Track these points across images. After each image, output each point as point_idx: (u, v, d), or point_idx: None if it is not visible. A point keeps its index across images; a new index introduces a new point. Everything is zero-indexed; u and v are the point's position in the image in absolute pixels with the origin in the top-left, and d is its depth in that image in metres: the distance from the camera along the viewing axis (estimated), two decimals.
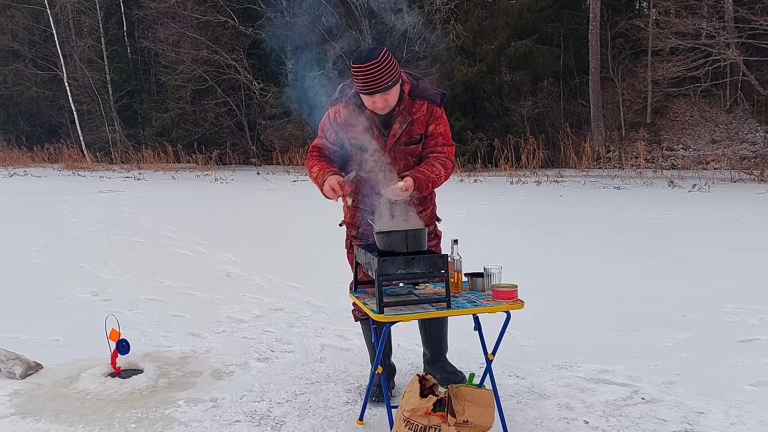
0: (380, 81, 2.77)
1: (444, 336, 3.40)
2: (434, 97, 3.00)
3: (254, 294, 5.37)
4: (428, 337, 3.39)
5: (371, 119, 2.95)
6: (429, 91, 3.00)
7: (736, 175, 13.18)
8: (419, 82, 3.02)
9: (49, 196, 13.66)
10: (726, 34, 14.76)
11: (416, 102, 2.97)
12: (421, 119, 2.98)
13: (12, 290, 5.64)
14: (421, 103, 2.97)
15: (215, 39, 22.18)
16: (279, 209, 11.12)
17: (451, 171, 3.03)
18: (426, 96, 2.98)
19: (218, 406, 3.20)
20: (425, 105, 2.98)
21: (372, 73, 2.75)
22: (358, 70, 2.77)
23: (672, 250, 6.62)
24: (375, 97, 2.83)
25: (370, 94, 2.82)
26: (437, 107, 3.00)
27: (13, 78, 27.58)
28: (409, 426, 2.47)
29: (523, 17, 17.50)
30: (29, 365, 3.64)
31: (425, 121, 2.99)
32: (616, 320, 4.40)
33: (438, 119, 3.01)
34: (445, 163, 3.00)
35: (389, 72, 2.78)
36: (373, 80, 2.76)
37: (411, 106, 2.96)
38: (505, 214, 9.60)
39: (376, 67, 2.74)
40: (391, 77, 2.79)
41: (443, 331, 3.39)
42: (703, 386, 3.28)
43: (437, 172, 2.95)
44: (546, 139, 17.05)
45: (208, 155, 21.06)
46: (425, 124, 2.99)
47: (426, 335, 3.40)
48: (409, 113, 2.96)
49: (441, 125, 3.03)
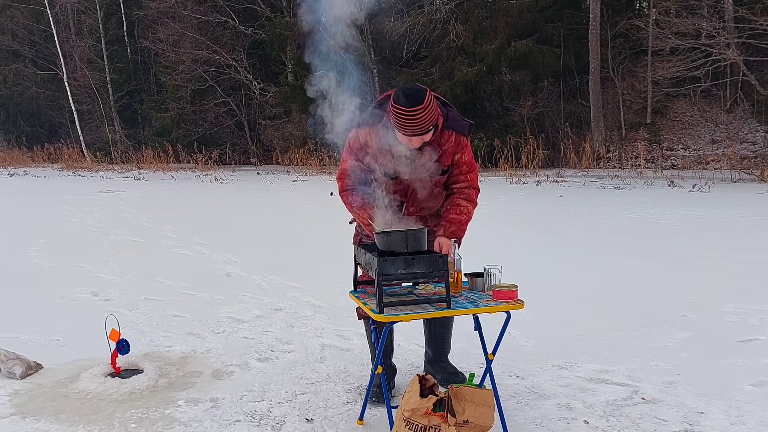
0: (422, 125, 2.77)
1: (448, 336, 3.41)
2: (463, 129, 3.02)
3: (254, 294, 5.37)
4: (432, 336, 3.40)
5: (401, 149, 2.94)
6: (459, 123, 3.02)
7: (736, 175, 13.18)
8: (449, 113, 3.01)
9: (49, 196, 13.66)
10: (726, 34, 14.76)
11: (445, 133, 2.99)
12: (450, 150, 3.01)
13: (12, 290, 5.64)
14: (450, 134, 2.99)
15: (215, 39, 22.19)
16: (279, 209, 11.12)
17: (475, 198, 3.10)
18: (455, 128, 3.00)
19: (218, 406, 3.20)
20: (454, 136, 3.00)
21: (415, 118, 2.74)
22: (401, 113, 2.74)
23: (672, 250, 6.62)
24: (413, 137, 2.84)
25: (410, 135, 2.82)
26: (464, 137, 3.04)
27: (13, 78, 27.59)
28: (409, 426, 2.47)
29: (523, 17, 17.51)
30: (29, 365, 3.64)
31: (453, 152, 3.02)
32: (616, 320, 4.40)
33: (464, 148, 3.05)
34: (469, 195, 3.07)
35: (431, 116, 2.78)
36: (417, 124, 2.76)
37: (440, 137, 2.98)
38: (505, 214, 9.60)
39: (420, 113, 2.73)
40: (431, 122, 2.80)
41: (448, 332, 3.39)
42: (703, 386, 3.28)
43: (464, 210, 3.04)
44: (546, 139, 17.06)
45: (208, 155, 21.07)
46: (452, 154, 3.03)
47: (430, 334, 3.40)
48: (438, 144, 2.97)
49: (466, 154, 3.07)
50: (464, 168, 3.07)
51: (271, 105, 22.04)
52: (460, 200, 3.05)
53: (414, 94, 2.74)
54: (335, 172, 3.44)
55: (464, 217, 3.04)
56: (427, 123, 2.77)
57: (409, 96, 2.73)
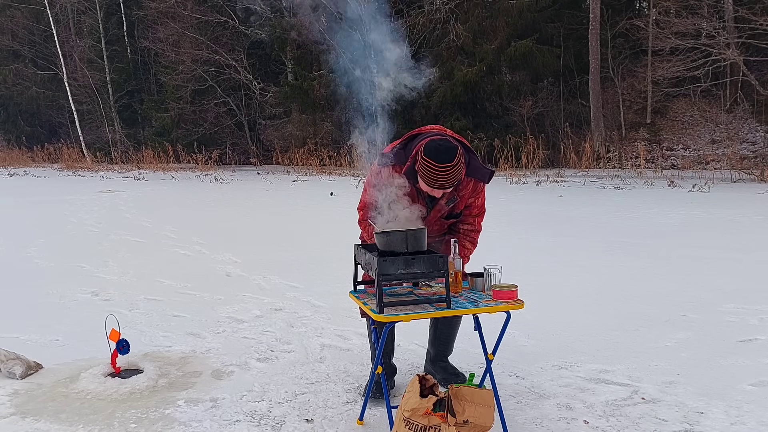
0: (449, 181, 2.83)
1: (453, 337, 3.42)
2: (483, 176, 3.05)
3: (254, 294, 5.37)
4: (437, 336, 3.40)
5: (420, 192, 2.98)
6: (480, 171, 3.04)
7: (736, 175, 13.18)
8: (471, 160, 3.02)
9: (49, 196, 13.67)
10: (726, 34, 14.76)
11: (464, 180, 3.01)
12: (466, 196, 3.07)
13: (12, 290, 5.64)
14: (468, 180, 3.03)
15: (215, 39, 22.19)
16: (279, 209, 11.12)
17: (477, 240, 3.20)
18: (476, 176, 3.03)
19: (218, 406, 3.20)
20: (472, 183, 3.04)
21: (445, 174, 2.79)
22: (432, 168, 2.78)
23: (672, 250, 6.62)
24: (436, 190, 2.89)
25: (435, 188, 2.87)
26: (482, 183, 3.08)
27: (13, 78, 27.57)
28: (409, 426, 2.47)
29: (523, 17, 17.51)
30: (29, 365, 3.64)
31: (468, 197, 3.08)
32: (616, 320, 4.40)
33: (479, 193, 3.11)
34: (473, 239, 3.17)
35: (459, 173, 2.84)
36: (444, 180, 2.81)
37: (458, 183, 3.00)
38: (505, 214, 9.59)
39: (450, 170, 2.78)
40: (458, 178, 2.85)
41: (453, 333, 3.40)
42: (703, 386, 3.28)
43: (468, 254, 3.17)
44: (546, 139, 17.05)
45: (208, 155, 21.07)
46: (467, 199, 3.09)
47: (435, 334, 3.41)
48: (456, 191, 3.02)
49: (480, 198, 3.13)
50: (474, 211, 3.14)
51: (271, 105, 22.04)
52: (465, 242, 3.15)
53: (445, 150, 2.79)
54: (335, 172, 3.44)
55: (467, 255, 3.16)
56: (454, 179, 2.83)
57: (441, 152, 2.78)
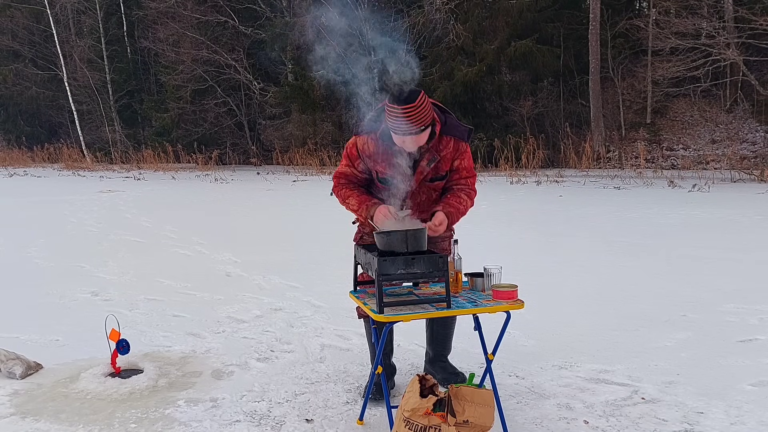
0: (414, 124, 2.79)
1: (449, 337, 3.41)
2: (462, 134, 3.04)
3: (254, 294, 5.37)
4: (434, 336, 3.40)
5: (399, 155, 2.96)
6: (458, 128, 3.03)
7: (736, 175, 13.18)
8: (448, 119, 3.03)
9: (49, 196, 13.67)
10: (726, 34, 14.76)
11: (444, 139, 3.00)
12: (448, 156, 3.03)
13: (12, 290, 5.64)
14: (448, 139, 3.01)
15: (215, 39, 22.19)
16: (279, 209, 11.12)
17: (474, 199, 3.12)
18: (454, 133, 3.02)
19: (218, 406, 3.20)
20: (452, 142, 3.02)
21: (408, 116, 2.76)
22: (394, 111, 2.78)
23: (672, 250, 6.62)
24: (406, 137, 2.85)
25: (402, 135, 2.84)
26: (463, 143, 3.05)
27: (13, 78, 27.57)
28: (409, 426, 2.47)
29: (523, 17, 17.51)
30: (29, 365, 3.64)
31: (451, 158, 3.04)
32: (617, 320, 4.40)
33: (463, 153, 3.07)
34: (470, 194, 3.09)
35: (424, 116, 2.80)
36: (409, 123, 2.78)
37: (438, 143, 2.99)
38: (505, 214, 9.60)
39: (412, 111, 2.76)
40: (425, 121, 2.82)
41: (450, 333, 3.39)
42: (703, 386, 3.28)
43: (464, 202, 3.05)
44: (546, 139, 17.06)
45: (208, 155, 21.07)
46: (451, 160, 3.05)
47: (432, 334, 3.41)
48: (437, 151, 2.99)
49: (466, 159, 3.09)
50: (464, 173, 3.10)
51: (271, 105, 22.05)
52: (461, 193, 3.08)
53: (408, 93, 2.79)
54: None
55: (462, 207, 3.06)
56: (419, 122, 2.79)
57: (402, 95, 2.78)
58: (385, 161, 2.98)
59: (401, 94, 2.79)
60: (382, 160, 2.99)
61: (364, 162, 3.06)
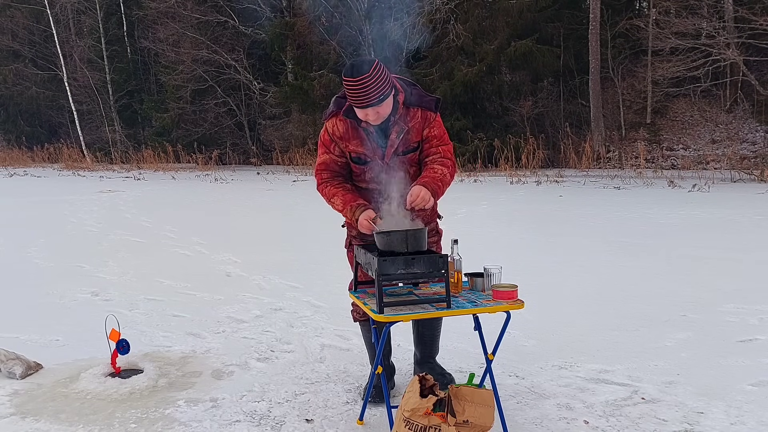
0: (371, 95, 2.76)
1: (436, 338, 3.39)
2: (428, 104, 3.00)
3: (254, 294, 5.37)
4: (421, 338, 3.38)
5: (368, 131, 2.95)
6: (424, 99, 3.00)
7: (736, 175, 13.18)
8: (413, 90, 3.00)
9: (49, 196, 13.67)
10: (726, 34, 14.76)
11: (411, 110, 2.97)
12: (417, 127, 2.99)
13: (12, 290, 5.64)
14: (415, 110, 2.97)
15: (215, 39, 22.19)
16: (279, 209, 11.12)
17: (452, 168, 3.02)
18: (420, 104, 2.98)
19: (218, 406, 3.20)
20: (419, 112, 2.98)
21: (363, 87, 2.73)
22: (350, 84, 2.76)
23: (672, 250, 6.62)
24: (367, 110, 2.82)
25: (361, 107, 2.81)
26: (432, 113, 3.01)
27: (13, 78, 27.58)
28: (409, 426, 2.47)
29: (523, 17, 17.50)
30: (29, 365, 3.64)
31: (420, 129, 3.00)
32: (616, 320, 4.40)
33: (432, 123, 3.02)
34: (444, 162, 3.00)
35: (381, 85, 2.77)
36: (365, 94, 2.75)
37: (406, 114, 2.96)
38: (505, 214, 9.60)
39: (367, 81, 2.73)
40: (382, 91, 2.78)
41: (436, 334, 3.37)
42: (703, 386, 3.28)
43: (438, 171, 2.95)
44: (546, 139, 17.05)
45: (208, 155, 21.07)
46: (420, 131, 3.00)
47: (418, 336, 3.38)
48: (404, 122, 2.96)
49: (435, 128, 3.03)
50: (434, 141, 3.03)
51: (271, 105, 22.05)
52: (434, 164, 2.99)
53: (359, 64, 2.77)
54: None
55: (437, 175, 2.93)
56: (375, 92, 2.76)
57: (354, 66, 2.76)
58: (356, 138, 2.96)
59: (353, 66, 2.77)
60: (352, 137, 2.97)
61: (337, 145, 3.03)
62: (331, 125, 3.02)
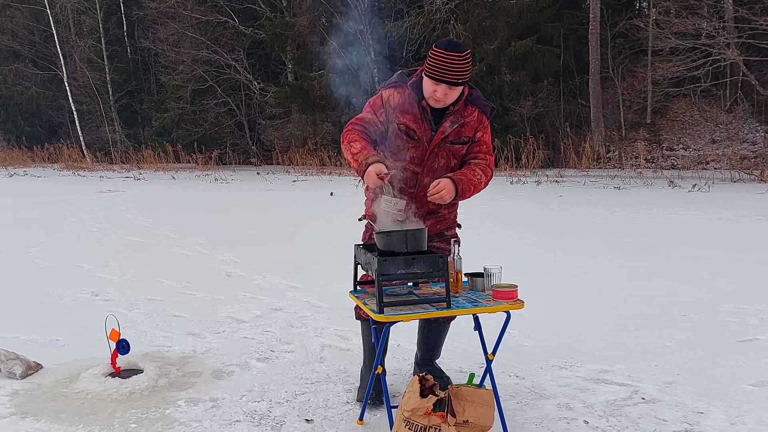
0: (456, 74, 2.83)
1: (440, 343, 3.39)
2: (485, 108, 3.09)
3: (254, 294, 5.37)
4: (425, 341, 3.38)
5: (425, 110, 2.99)
6: (482, 101, 3.09)
7: (736, 175, 13.18)
8: (474, 91, 3.08)
9: (49, 196, 13.67)
10: (726, 34, 14.76)
11: (468, 107, 3.04)
12: (472, 124, 3.05)
13: (12, 290, 5.64)
14: (472, 109, 3.05)
15: (215, 39, 22.20)
16: (279, 209, 11.12)
17: (490, 179, 3.10)
18: (478, 105, 3.07)
19: (218, 406, 3.20)
20: (476, 112, 3.06)
21: (453, 63, 2.81)
22: (442, 56, 2.82)
23: (672, 250, 6.62)
24: (444, 86, 2.87)
25: (443, 81, 2.85)
26: (486, 118, 3.09)
27: (13, 78, 27.57)
28: (409, 426, 2.47)
29: (523, 17, 17.50)
30: (29, 365, 3.64)
31: (475, 127, 3.07)
32: (617, 320, 4.40)
33: (485, 128, 3.11)
34: (486, 171, 3.08)
35: (466, 70, 2.86)
36: (451, 71, 2.82)
37: (463, 110, 3.03)
38: (505, 214, 9.60)
39: (460, 60, 2.82)
40: (465, 75, 2.87)
41: (441, 339, 3.38)
42: (703, 386, 3.28)
43: (479, 177, 3.02)
44: (546, 139, 17.05)
45: (208, 155, 21.07)
46: (474, 129, 3.07)
47: (423, 339, 3.39)
48: (461, 115, 3.02)
49: (487, 135, 3.13)
50: (484, 148, 3.12)
51: (271, 105, 22.05)
52: (476, 167, 3.05)
53: (457, 42, 2.89)
54: (335, 172, 3.43)
55: (475, 179, 2.98)
56: (461, 73, 2.84)
57: (452, 43, 2.86)
58: (410, 113, 2.99)
59: (456, 43, 2.87)
60: (408, 110, 2.99)
61: (387, 113, 3.04)
62: (388, 94, 3.05)
